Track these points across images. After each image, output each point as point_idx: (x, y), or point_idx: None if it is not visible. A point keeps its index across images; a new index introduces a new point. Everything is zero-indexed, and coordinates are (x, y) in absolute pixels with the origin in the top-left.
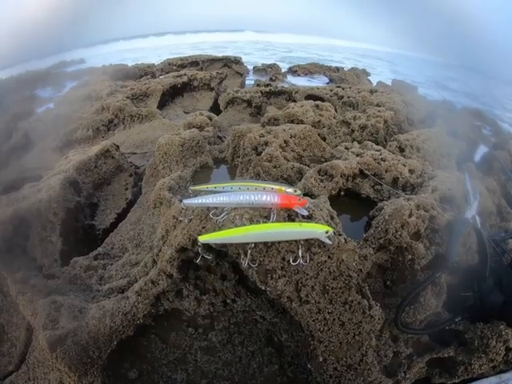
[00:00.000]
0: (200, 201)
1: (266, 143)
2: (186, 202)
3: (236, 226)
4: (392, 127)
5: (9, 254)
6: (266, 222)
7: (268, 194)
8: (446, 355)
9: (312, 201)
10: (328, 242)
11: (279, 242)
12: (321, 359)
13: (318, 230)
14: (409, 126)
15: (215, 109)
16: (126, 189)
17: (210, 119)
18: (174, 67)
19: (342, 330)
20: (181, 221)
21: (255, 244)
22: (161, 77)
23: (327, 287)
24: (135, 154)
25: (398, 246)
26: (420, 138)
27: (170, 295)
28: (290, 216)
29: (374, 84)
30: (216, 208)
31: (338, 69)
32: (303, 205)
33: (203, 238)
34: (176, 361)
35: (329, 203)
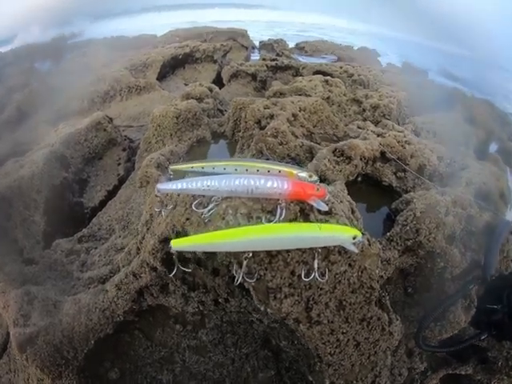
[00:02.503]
0: (180, 186)
1: (272, 116)
2: (161, 187)
3: (227, 224)
4: (405, 109)
5: None
6: (270, 221)
7: (275, 179)
8: (463, 372)
9: (329, 189)
10: (354, 250)
11: (288, 250)
12: (327, 382)
13: (343, 234)
14: (421, 109)
15: (218, 82)
16: (119, 164)
17: (211, 90)
18: (177, 38)
19: (355, 352)
20: (159, 211)
21: (254, 252)
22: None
23: (344, 303)
24: (131, 127)
25: (429, 251)
26: (437, 122)
27: (154, 290)
28: (303, 210)
29: (384, 66)
30: (203, 196)
31: (347, 47)
32: (322, 196)
33: (177, 244)
34: (162, 360)
35: (346, 192)
